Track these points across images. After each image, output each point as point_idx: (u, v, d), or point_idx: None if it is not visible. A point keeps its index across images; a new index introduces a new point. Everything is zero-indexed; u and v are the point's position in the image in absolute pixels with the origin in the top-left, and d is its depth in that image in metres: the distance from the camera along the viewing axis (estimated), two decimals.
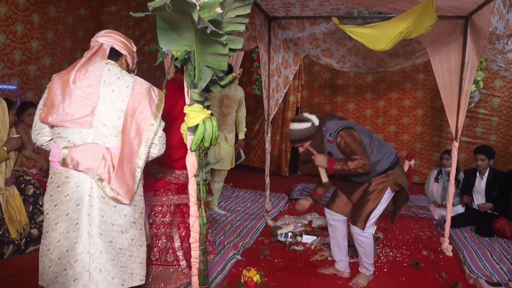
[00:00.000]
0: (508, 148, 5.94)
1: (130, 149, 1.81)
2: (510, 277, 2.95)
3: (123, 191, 1.77)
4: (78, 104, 1.76)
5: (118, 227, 1.82)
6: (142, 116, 1.84)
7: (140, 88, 1.87)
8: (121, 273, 1.83)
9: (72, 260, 1.76)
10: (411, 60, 3.79)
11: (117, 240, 1.82)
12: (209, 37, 1.71)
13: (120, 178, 1.76)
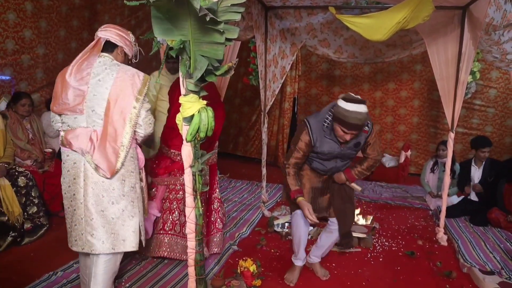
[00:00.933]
0: (503, 139, 5.97)
1: (114, 130, 2.06)
2: (503, 265, 2.99)
3: (104, 166, 2.04)
4: (72, 94, 2.05)
5: (108, 198, 2.08)
6: (125, 100, 2.07)
7: (123, 75, 2.09)
8: (112, 239, 2.09)
9: (73, 224, 2.10)
10: (408, 50, 3.77)
11: (108, 210, 2.08)
12: (205, 26, 1.69)
13: (101, 155, 2.04)
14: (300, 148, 2.47)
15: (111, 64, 2.11)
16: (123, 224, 2.12)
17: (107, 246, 2.08)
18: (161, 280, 2.62)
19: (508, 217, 3.81)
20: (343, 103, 2.29)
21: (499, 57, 2.65)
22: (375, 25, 2.46)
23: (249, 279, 2.44)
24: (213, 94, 3.03)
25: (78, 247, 2.09)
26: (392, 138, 6.56)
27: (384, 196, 4.98)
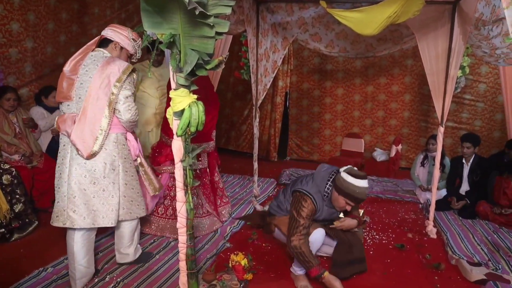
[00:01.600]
0: (492, 133, 6.04)
1: (93, 114, 2.25)
2: (489, 257, 3.04)
3: (80, 147, 2.23)
4: (66, 84, 2.30)
5: (89, 179, 2.28)
6: (104, 87, 2.26)
7: (106, 65, 2.29)
8: (93, 215, 2.30)
9: (56, 201, 2.31)
10: (399, 45, 3.79)
11: (89, 189, 2.28)
12: (195, 20, 1.69)
13: (78, 135, 2.23)
14: (306, 216, 2.47)
15: (101, 56, 2.35)
16: (103, 203, 2.33)
17: (87, 222, 2.29)
18: (153, 275, 2.61)
19: (494, 209, 3.87)
20: (352, 179, 2.44)
21: (488, 52, 2.67)
22: (365, 19, 2.46)
23: (241, 273, 2.45)
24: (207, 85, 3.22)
25: (59, 222, 2.28)
26: (383, 132, 6.61)
27: (375, 190, 5.02)
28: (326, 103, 6.77)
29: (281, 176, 5.45)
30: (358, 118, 6.69)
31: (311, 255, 2.40)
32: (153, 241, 3.11)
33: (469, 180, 4.31)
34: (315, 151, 6.92)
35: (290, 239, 2.42)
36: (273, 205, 2.88)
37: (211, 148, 3.34)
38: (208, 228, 3.31)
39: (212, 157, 3.41)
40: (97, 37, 2.42)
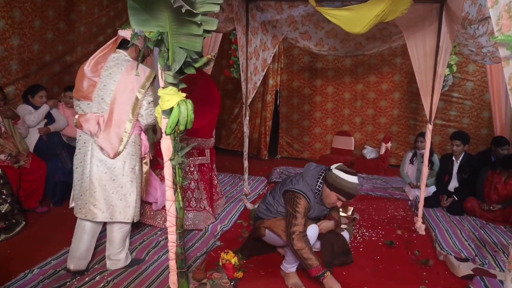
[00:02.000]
0: (479, 130, 6.12)
1: (119, 117, 2.36)
2: (476, 252, 3.08)
3: (107, 148, 2.36)
4: (86, 83, 2.38)
5: (109, 176, 2.41)
6: (129, 92, 2.38)
7: (130, 71, 2.39)
8: (111, 210, 2.43)
9: (80, 195, 2.45)
10: (387, 43, 3.82)
11: (109, 185, 2.41)
12: (183, 17, 1.67)
13: (105, 138, 2.36)
14: (300, 212, 2.48)
15: (123, 60, 2.44)
16: (121, 199, 2.46)
17: (106, 216, 2.44)
18: (143, 274, 2.60)
19: (482, 206, 3.93)
20: (344, 175, 2.48)
21: (475, 51, 2.70)
22: (354, 17, 2.47)
23: (231, 271, 2.45)
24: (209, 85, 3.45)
25: (82, 214, 2.44)
26: (373, 130, 6.65)
27: (365, 187, 5.06)
28: (316, 101, 6.79)
29: (271, 174, 5.45)
30: (348, 116, 6.73)
31: (313, 254, 2.41)
32: (143, 241, 3.09)
33: (458, 177, 4.37)
34: (306, 149, 6.95)
35: (292, 237, 2.42)
36: (261, 209, 2.83)
37: (211, 145, 3.54)
38: (203, 222, 3.40)
39: (211, 153, 3.60)
40: (117, 38, 2.49)
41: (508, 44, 1.51)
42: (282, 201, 2.65)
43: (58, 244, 2.95)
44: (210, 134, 3.49)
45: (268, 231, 2.72)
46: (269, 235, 2.73)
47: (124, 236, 2.62)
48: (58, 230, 3.27)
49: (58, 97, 4.36)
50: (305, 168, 2.71)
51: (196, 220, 3.38)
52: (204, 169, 3.51)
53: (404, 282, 2.71)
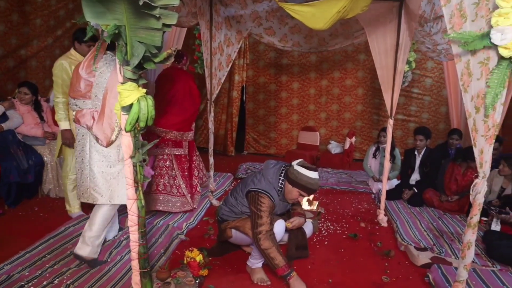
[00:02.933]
0: (437, 125, 6.39)
1: (110, 111, 2.55)
2: (434, 241, 3.22)
3: (101, 137, 2.59)
4: (83, 84, 2.60)
5: (106, 163, 2.64)
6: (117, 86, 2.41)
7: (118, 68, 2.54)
8: (109, 193, 2.65)
9: (81, 182, 2.70)
10: (350, 40, 3.88)
11: (107, 171, 2.64)
12: (141, 10, 1.62)
13: (98, 128, 2.58)
14: (265, 211, 2.48)
15: (110, 59, 2.63)
16: (118, 183, 2.65)
17: (105, 199, 2.65)
18: (104, 276, 2.52)
19: (441, 198, 4.11)
20: (306, 171, 2.51)
21: (431, 48, 2.81)
22: (316, 13, 2.49)
23: (196, 269, 2.41)
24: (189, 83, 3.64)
25: (84, 198, 2.67)
26: (338, 125, 6.79)
27: (330, 182, 5.15)
28: (282, 97, 6.84)
29: (238, 170, 5.45)
30: (314, 112, 6.82)
31: (279, 254, 2.41)
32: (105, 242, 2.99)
33: (420, 170, 4.54)
34: (272, 145, 6.99)
35: (258, 237, 2.41)
36: (224, 211, 2.79)
37: (190, 138, 3.76)
38: (180, 207, 3.62)
39: (191, 145, 3.85)
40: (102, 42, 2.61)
41: (459, 41, 1.57)
42: (245, 202, 2.63)
43: (12, 248, 2.80)
44: (188, 128, 3.72)
45: (235, 232, 2.71)
46: (236, 235, 2.72)
47: (105, 220, 2.73)
48: (13, 233, 3.12)
49: (13, 93, 4.14)
50: (264, 166, 2.71)
51: (170, 203, 3.60)
52: (182, 160, 3.72)
53: (367, 273, 2.79)
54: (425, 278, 2.70)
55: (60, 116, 3.28)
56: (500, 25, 1.43)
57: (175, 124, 3.57)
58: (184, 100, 3.57)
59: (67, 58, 3.26)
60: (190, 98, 3.61)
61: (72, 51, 3.32)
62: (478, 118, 1.66)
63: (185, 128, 3.66)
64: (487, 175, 1.72)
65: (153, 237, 3.04)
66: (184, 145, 3.71)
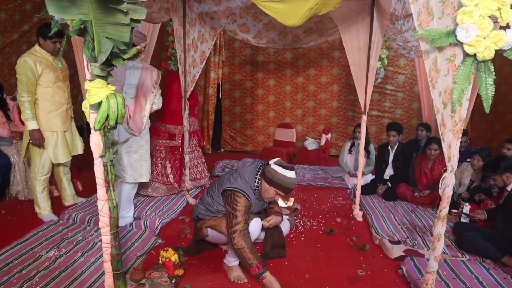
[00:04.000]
0: (410, 120, 6.54)
1: (140, 106, 3.07)
2: (408, 235, 3.30)
3: (135, 128, 3.04)
4: (116, 84, 2.76)
5: (133, 148, 3.24)
6: (146, 87, 3.12)
7: (145, 71, 3.16)
8: (135, 174, 3.26)
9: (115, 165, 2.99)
10: (324, 37, 3.91)
11: (132, 156, 3.24)
12: (108, 5, 1.57)
13: (133, 121, 3.04)
14: (240, 210, 2.45)
15: (136, 63, 3.14)
16: (140, 165, 3.27)
17: (131, 178, 3.24)
18: (77, 279, 2.44)
19: (414, 194, 4.20)
20: (283, 170, 2.51)
21: (402, 45, 2.87)
22: (288, 10, 2.49)
23: (171, 269, 2.38)
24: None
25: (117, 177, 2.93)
26: (314, 122, 6.84)
27: (306, 178, 5.19)
28: (258, 94, 6.84)
29: (214, 168, 5.41)
30: (290, 109, 6.85)
31: (253, 253, 2.39)
32: (78, 243, 2.91)
33: (393, 165, 4.63)
34: (249, 142, 6.99)
35: (232, 237, 2.40)
36: (200, 210, 2.76)
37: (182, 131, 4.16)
38: (167, 192, 4.08)
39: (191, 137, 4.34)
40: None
41: (427, 38, 1.60)
42: (221, 200, 2.60)
43: None
44: (179, 122, 4.15)
45: (210, 230, 2.69)
46: (212, 234, 2.70)
47: (131, 196, 3.36)
48: None
49: None
50: (241, 165, 2.69)
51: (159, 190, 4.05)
52: (174, 151, 4.22)
53: (343, 267, 2.82)
54: (399, 271, 2.75)
55: (26, 115, 3.14)
56: (464, 23, 1.47)
57: (170, 119, 4.20)
58: (179, 99, 3.96)
59: (31, 55, 3.12)
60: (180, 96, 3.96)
61: (37, 47, 3.18)
62: (446, 114, 1.71)
63: (177, 122, 4.16)
64: (455, 168, 1.76)
65: (129, 241, 2.98)
66: (177, 138, 4.19)
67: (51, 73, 3.21)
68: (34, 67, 3.09)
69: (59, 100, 3.32)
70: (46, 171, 3.37)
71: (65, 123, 3.39)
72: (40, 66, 3.13)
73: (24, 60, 3.07)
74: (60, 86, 3.33)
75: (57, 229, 3.13)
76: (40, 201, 3.38)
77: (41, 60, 3.15)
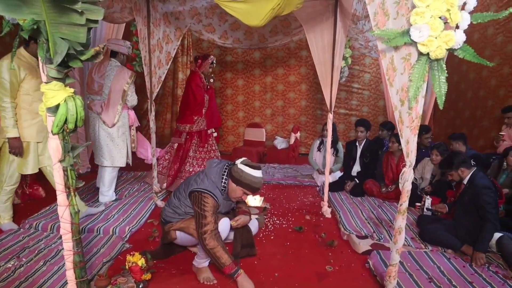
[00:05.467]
0: (376, 118, 6.71)
1: (113, 102, 3.70)
2: (374, 229, 3.38)
3: (107, 121, 3.72)
4: (97, 85, 3.70)
5: (109, 138, 3.79)
6: (120, 86, 3.69)
7: (119, 72, 3.71)
8: (111, 159, 3.84)
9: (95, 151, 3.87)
10: (289, 36, 3.94)
11: (109, 144, 3.80)
12: (61, 5, 1.52)
13: (106, 115, 3.71)
14: (209, 211, 2.44)
15: (114, 65, 3.74)
16: (117, 152, 3.84)
17: (109, 163, 3.83)
18: None
19: (382, 190, 4.31)
20: (250, 170, 2.52)
21: (363, 44, 2.94)
22: (251, 10, 2.50)
23: (138, 274, 2.33)
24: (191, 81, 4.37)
25: (97, 161, 3.89)
26: (283, 121, 6.90)
27: (276, 177, 5.23)
28: (227, 94, 6.82)
29: None
30: (259, 108, 6.88)
31: (226, 252, 2.39)
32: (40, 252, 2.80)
33: (360, 162, 4.74)
34: (219, 142, 6.96)
35: (203, 237, 2.38)
36: (168, 212, 2.72)
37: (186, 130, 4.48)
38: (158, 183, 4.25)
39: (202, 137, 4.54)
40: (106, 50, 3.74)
41: (383, 38, 1.65)
42: (188, 202, 2.58)
43: None
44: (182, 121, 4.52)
45: (179, 233, 2.65)
46: (180, 236, 2.66)
47: (112, 178, 3.94)
48: None
49: None
50: (207, 166, 2.67)
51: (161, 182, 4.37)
52: (178, 148, 4.51)
53: (312, 264, 2.86)
54: (366, 265, 2.82)
55: (8, 122, 2.94)
56: (417, 23, 1.52)
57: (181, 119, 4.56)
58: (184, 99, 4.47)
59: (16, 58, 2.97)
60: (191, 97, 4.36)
61: (22, 50, 3.03)
62: (403, 111, 1.76)
63: (182, 121, 4.53)
64: (413, 163, 1.82)
65: (95, 247, 2.90)
66: (182, 136, 4.50)
67: (33, 80, 3.02)
68: (17, 71, 2.92)
69: (36, 109, 3.08)
70: (13, 181, 3.21)
71: (40, 133, 3.16)
72: (24, 70, 2.95)
73: (7, 63, 2.88)
74: (40, 94, 3.15)
75: (17, 238, 3.00)
76: (1, 211, 3.23)
77: (24, 64, 2.98)
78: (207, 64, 4.36)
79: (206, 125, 4.53)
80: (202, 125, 4.48)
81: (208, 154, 4.58)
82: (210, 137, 4.65)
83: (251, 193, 2.60)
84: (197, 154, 4.53)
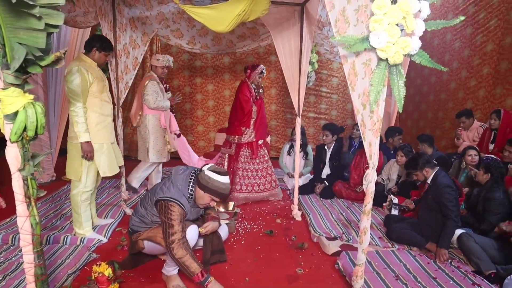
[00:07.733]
0: (345, 121, 6.86)
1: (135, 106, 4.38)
2: (343, 230, 3.45)
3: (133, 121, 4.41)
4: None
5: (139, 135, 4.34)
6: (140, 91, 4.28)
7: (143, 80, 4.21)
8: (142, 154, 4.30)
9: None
10: (257, 42, 3.98)
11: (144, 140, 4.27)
12: (17, 9, 1.48)
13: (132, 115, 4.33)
14: (176, 220, 2.40)
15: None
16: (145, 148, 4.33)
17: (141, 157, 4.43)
18: None
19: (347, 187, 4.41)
20: (217, 176, 2.50)
21: (328, 50, 3.01)
22: (217, 16, 2.51)
23: (105, 284, 2.27)
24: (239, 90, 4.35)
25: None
26: None
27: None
28: (197, 99, 6.79)
29: None
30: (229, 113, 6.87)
31: (195, 261, 2.35)
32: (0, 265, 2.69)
33: (330, 164, 4.83)
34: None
35: (171, 247, 2.34)
36: (135, 222, 2.67)
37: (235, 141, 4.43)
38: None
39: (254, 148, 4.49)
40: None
41: (344, 44, 1.70)
42: (155, 211, 2.53)
43: None
44: (230, 132, 4.48)
45: (147, 242, 2.61)
46: (148, 246, 2.62)
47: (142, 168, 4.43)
48: None
49: None
50: (173, 173, 2.62)
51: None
52: (229, 159, 4.48)
53: (283, 267, 2.88)
54: (336, 266, 2.87)
55: (80, 127, 2.94)
56: (376, 29, 1.58)
57: (227, 129, 4.60)
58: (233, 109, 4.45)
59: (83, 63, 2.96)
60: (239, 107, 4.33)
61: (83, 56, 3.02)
62: (365, 114, 1.82)
63: (228, 132, 4.51)
64: (376, 165, 1.88)
65: (60, 258, 2.80)
66: (232, 147, 4.45)
67: (100, 83, 3.04)
68: (87, 75, 2.89)
69: (106, 111, 3.16)
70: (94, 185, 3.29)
71: (112, 134, 3.24)
72: (92, 75, 2.94)
73: (78, 68, 2.85)
74: (106, 96, 3.13)
75: None
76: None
77: (91, 69, 2.98)
78: (256, 74, 4.21)
79: (255, 137, 4.43)
80: (251, 137, 4.41)
81: (261, 165, 4.53)
82: (261, 147, 4.56)
83: (219, 199, 2.57)
84: (251, 166, 4.48)
